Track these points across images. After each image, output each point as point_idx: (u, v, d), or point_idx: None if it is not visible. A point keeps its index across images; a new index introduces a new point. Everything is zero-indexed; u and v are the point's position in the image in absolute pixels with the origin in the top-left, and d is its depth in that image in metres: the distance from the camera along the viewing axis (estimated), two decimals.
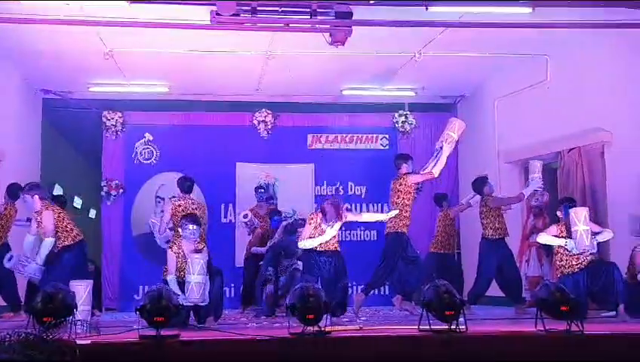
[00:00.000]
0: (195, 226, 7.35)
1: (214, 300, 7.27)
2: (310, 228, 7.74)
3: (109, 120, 11.77)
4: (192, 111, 12.09)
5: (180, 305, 5.98)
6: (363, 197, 12.19)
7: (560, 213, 7.84)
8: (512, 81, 10.66)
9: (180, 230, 7.43)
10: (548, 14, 7.77)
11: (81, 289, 6.61)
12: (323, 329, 5.61)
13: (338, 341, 5.60)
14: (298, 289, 5.82)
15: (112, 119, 11.77)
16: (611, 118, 8.84)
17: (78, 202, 12.54)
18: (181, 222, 7.47)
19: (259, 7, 7.27)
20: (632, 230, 7.92)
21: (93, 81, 10.98)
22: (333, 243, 7.78)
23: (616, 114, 8.75)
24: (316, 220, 7.75)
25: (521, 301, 8.96)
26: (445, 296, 5.75)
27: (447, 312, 5.67)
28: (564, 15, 7.74)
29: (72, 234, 7.70)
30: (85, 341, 5.24)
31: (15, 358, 4.48)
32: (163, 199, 10.73)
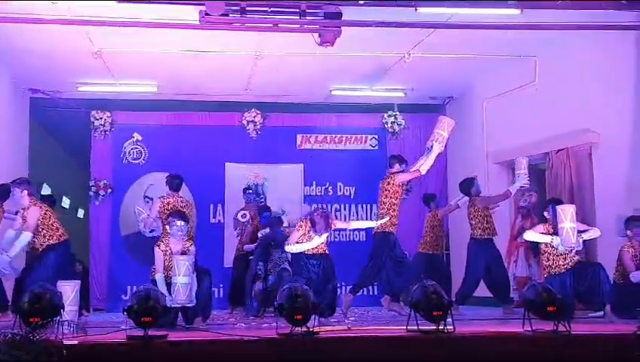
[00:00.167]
0: (183, 222, 7.33)
1: (203, 301, 7.23)
2: (298, 234, 7.74)
3: (97, 119, 11.74)
4: (181, 111, 12.06)
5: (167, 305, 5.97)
6: (352, 198, 12.21)
7: (547, 213, 7.86)
8: (500, 82, 10.69)
9: (168, 227, 7.42)
10: (536, 16, 7.80)
11: (69, 290, 6.56)
12: (311, 329, 5.61)
13: (326, 341, 5.59)
14: (286, 289, 5.81)
15: (101, 119, 11.74)
16: (599, 119, 8.90)
17: (66, 202, 12.49)
18: (169, 219, 7.46)
19: (248, 8, 7.27)
20: (619, 230, 7.95)
21: (81, 81, 10.94)
22: (321, 247, 7.78)
23: (604, 115, 8.80)
24: (305, 227, 7.75)
25: (509, 301, 8.98)
26: (433, 297, 5.75)
27: (435, 313, 5.67)
28: (552, 16, 7.76)
29: (57, 233, 7.65)
30: (72, 341, 5.21)
31: (1, 358, 4.46)
32: (152, 199, 10.69)
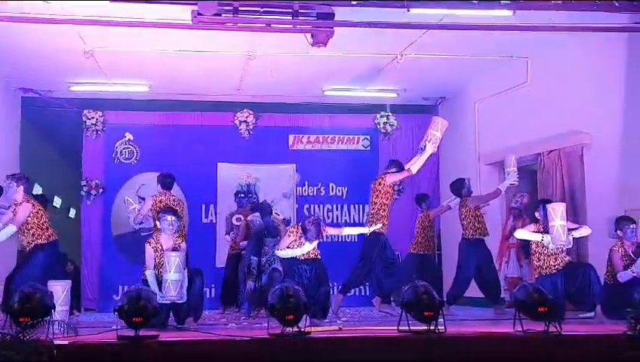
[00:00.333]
0: (174, 217, 7.32)
1: (194, 301, 7.21)
2: (289, 240, 7.71)
3: (89, 119, 11.70)
4: (173, 111, 12.02)
5: (159, 304, 5.94)
6: (344, 198, 12.20)
7: (538, 213, 7.88)
8: (492, 83, 10.71)
9: (159, 223, 7.41)
10: (528, 17, 7.81)
11: (60, 290, 6.57)
12: (302, 329, 5.61)
13: (318, 341, 5.59)
14: (278, 289, 5.81)
15: (93, 118, 11.70)
16: (591, 120, 8.92)
17: (57, 202, 12.44)
18: (159, 215, 7.45)
19: (240, 7, 7.24)
20: (609, 231, 7.97)
21: (73, 80, 10.90)
22: (313, 253, 7.74)
23: (596, 116, 8.82)
24: (296, 233, 7.71)
25: (500, 301, 9.01)
26: (424, 297, 5.77)
27: (427, 313, 5.69)
28: (544, 18, 7.78)
29: (46, 233, 7.63)
30: (63, 341, 5.20)
31: None
32: (143, 199, 10.68)
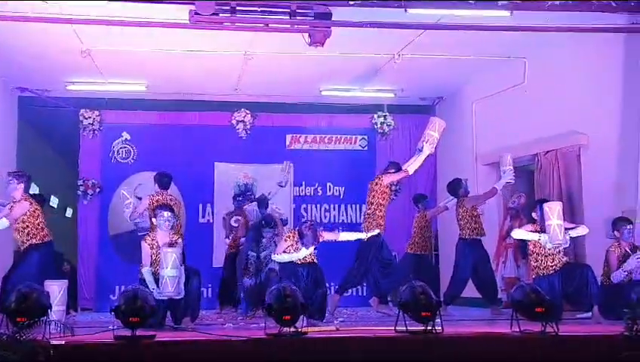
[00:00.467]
0: (170, 213, 7.32)
1: (191, 301, 7.21)
2: (286, 245, 7.71)
3: (86, 118, 11.67)
4: (170, 111, 12.00)
5: (156, 304, 5.92)
6: (341, 198, 12.19)
7: (535, 214, 7.89)
8: (490, 84, 10.71)
9: (155, 220, 7.41)
10: (526, 17, 7.82)
11: (56, 290, 6.57)
12: (300, 330, 5.61)
13: (315, 342, 5.60)
14: (275, 289, 5.81)
15: (90, 118, 11.67)
16: (588, 121, 8.92)
17: (54, 201, 12.43)
18: (155, 211, 7.46)
19: (238, 7, 7.24)
20: (607, 232, 7.98)
21: (70, 80, 10.87)
22: (309, 257, 7.72)
23: (593, 117, 8.82)
24: (293, 238, 7.71)
25: (497, 302, 9.01)
26: (421, 297, 5.77)
27: (424, 313, 5.70)
28: (541, 18, 7.78)
29: (41, 233, 7.63)
30: (59, 341, 5.20)
31: None
32: (140, 199, 10.67)
